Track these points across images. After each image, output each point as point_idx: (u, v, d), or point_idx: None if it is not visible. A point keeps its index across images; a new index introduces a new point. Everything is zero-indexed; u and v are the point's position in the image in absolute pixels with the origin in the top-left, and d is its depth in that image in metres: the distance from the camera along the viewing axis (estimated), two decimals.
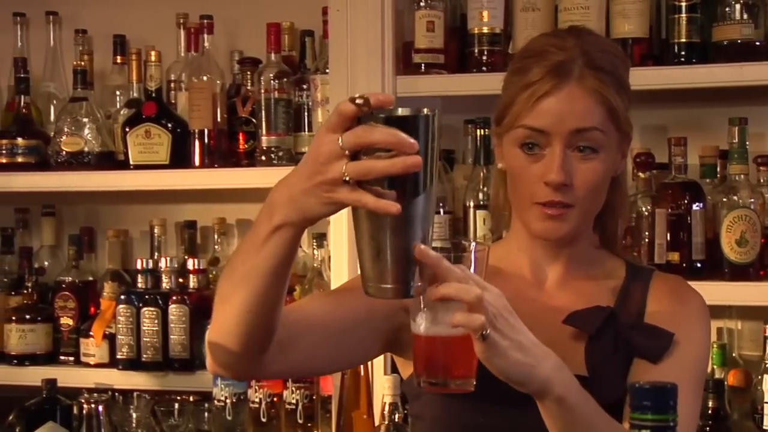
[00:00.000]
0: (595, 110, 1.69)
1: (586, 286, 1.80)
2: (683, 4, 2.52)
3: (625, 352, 1.70)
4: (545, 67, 1.69)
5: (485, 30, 2.61)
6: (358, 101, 1.30)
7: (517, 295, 1.72)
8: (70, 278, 2.97)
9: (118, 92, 3.03)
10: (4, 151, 2.96)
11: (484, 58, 2.61)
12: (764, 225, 2.52)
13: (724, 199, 2.53)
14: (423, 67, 2.64)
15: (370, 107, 1.31)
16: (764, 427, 2.37)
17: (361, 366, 2.49)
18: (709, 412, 2.42)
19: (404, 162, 1.30)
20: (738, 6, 2.52)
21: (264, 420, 2.63)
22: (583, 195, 1.71)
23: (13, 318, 2.90)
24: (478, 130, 2.66)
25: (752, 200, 2.52)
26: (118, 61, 3.04)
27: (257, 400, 2.64)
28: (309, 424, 2.59)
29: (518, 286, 1.78)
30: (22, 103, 2.98)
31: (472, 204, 2.62)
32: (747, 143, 2.55)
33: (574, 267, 1.80)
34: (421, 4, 2.63)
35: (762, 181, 2.57)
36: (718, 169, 2.62)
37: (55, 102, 3.10)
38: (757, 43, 2.51)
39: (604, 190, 1.76)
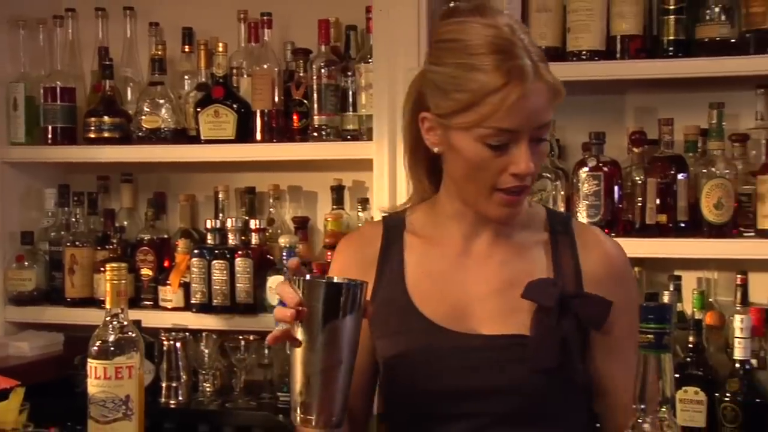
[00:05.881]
0: (552, 102, 1.64)
1: (518, 245, 1.75)
2: (671, 7, 2.62)
3: (568, 320, 1.66)
4: (503, 68, 1.59)
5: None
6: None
7: (453, 263, 1.74)
8: (148, 236, 3.14)
9: (186, 77, 3.20)
10: (92, 128, 3.13)
11: None
12: (737, 191, 2.61)
13: (704, 170, 2.62)
14: None
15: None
16: (734, 358, 2.46)
17: None
18: (690, 346, 2.55)
19: (280, 312, 1.49)
20: (717, 9, 2.60)
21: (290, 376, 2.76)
22: (535, 177, 1.68)
23: (102, 269, 2.99)
24: None
25: (727, 171, 2.61)
26: (186, 50, 3.20)
27: None
28: None
29: (450, 254, 1.75)
30: (107, 87, 3.14)
31: None
32: (723, 123, 2.64)
33: (501, 229, 1.75)
34: (451, 5, 2.75)
35: (736, 155, 2.65)
36: (699, 145, 2.70)
37: (131, 85, 3.25)
38: (733, 41, 2.61)
39: None
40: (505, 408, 1.66)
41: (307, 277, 1.51)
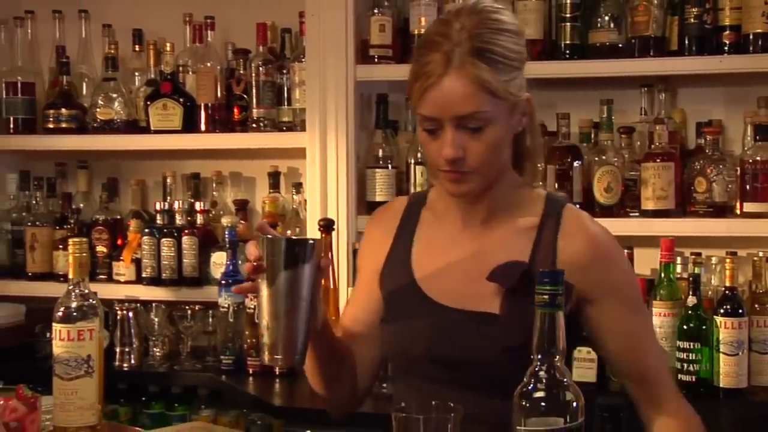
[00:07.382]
0: (475, 95, 1.61)
1: (506, 230, 1.74)
2: (568, 15, 2.79)
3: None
4: (432, 58, 1.62)
5: (423, 31, 2.81)
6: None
7: (450, 240, 1.78)
8: (102, 217, 3.28)
9: (136, 73, 3.36)
10: (51, 119, 3.28)
11: None
12: (624, 177, 2.76)
13: (596, 158, 2.76)
14: (376, 59, 2.95)
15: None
16: None
17: (331, 279, 2.76)
18: None
19: (246, 266, 1.61)
20: (607, 17, 2.78)
21: (257, 322, 2.91)
22: (477, 164, 1.66)
23: (60, 246, 3.20)
24: None
25: (616, 159, 2.76)
26: (136, 49, 3.36)
27: (252, 306, 2.88)
28: None
29: (450, 231, 1.78)
30: (64, 82, 3.30)
31: (412, 161, 2.94)
32: (613, 118, 2.80)
33: (495, 210, 1.75)
34: (375, 11, 2.95)
35: (623, 145, 2.81)
36: (592, 136, 2.85)
37: (86, 80, 3.40)
38: (620, 45, 2.78)
39: (502, 150, 1.70)
40: (473, 379, 1.66)
41: (269, 236, 1.68)
